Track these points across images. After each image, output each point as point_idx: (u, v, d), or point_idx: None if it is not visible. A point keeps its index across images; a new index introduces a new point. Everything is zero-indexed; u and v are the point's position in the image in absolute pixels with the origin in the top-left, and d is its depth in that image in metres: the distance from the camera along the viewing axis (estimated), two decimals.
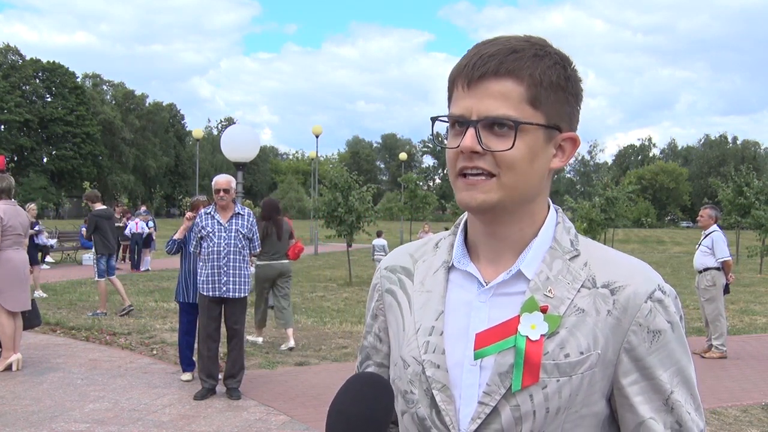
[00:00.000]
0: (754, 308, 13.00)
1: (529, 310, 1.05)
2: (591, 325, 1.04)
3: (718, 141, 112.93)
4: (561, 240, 1.11)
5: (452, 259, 1.15)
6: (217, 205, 6.27)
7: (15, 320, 6.95)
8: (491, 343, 1.05)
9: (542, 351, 1.02)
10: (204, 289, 6.12)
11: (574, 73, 1.09)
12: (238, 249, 6.16)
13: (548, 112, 1.05)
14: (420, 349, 1.11)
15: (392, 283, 1.23)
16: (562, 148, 1.10)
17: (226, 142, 7.24)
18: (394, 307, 1.21)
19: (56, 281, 14.78)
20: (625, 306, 1.05)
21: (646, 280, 1.07)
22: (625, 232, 52.36)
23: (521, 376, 1.02)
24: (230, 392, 6.18)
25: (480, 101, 1.03)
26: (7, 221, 6.78)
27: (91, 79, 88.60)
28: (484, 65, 1.04)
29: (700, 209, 8.91)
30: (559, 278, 1.07)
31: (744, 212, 22.62)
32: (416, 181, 33.76)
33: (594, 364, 1.03)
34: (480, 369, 1.06)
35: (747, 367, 7.88)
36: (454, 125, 1.07)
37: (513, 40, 1.07)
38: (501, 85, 1.03)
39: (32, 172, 70.75)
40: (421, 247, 1.25)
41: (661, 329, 1.05)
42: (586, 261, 1.09)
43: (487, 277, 1.11)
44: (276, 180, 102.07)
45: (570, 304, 1.05)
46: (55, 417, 5.52)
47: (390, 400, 1.04)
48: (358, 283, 16.27)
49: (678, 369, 1.06)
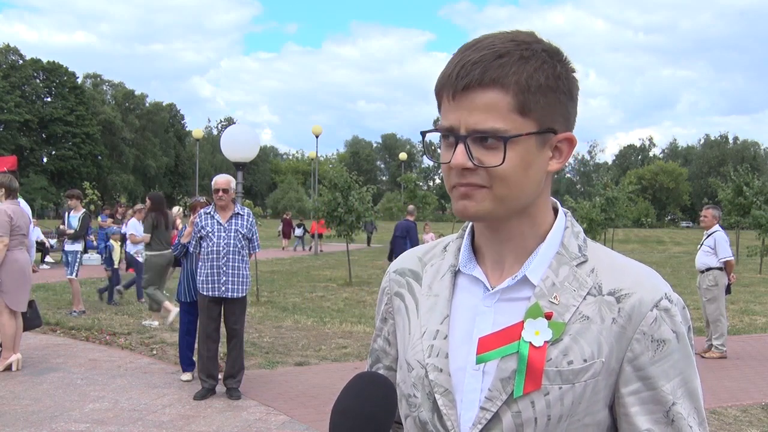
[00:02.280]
0: (754, 308, 13.00)
1: (533, 316, 1.04)
2: (595, 332, 1.03)
3: (718, 141, 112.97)
4: (569, 245, 1.09)
5: (459, 263, 1.15)
6: (216, 205, 6.27)
7: (15, 320, 6.96)
8: (494, 348, 1.05)
9: (545, 358, 1.01)
10: (203, 289, 6.11)
11: (565, 68, 1.04)
12: (237, 249, 6.15)
13: (539, 117, 1.02)
14: (424, 353, 1.11)
15: (401, 287, 1.22)
16: (559, 150, 1.07)
17: (226, 142, 7.26)
18: (402, 310, 1.20)
19: (56, 281, 14.77)
20: (630, 314, 1.03)
21: (652, 289, 1.05)
22: (625, 232, 52.36)
23: (523, 382, 1.01)
24: (230, 392, 6.18)
25: (468, 114, 1.00)
26: (15, 221, 6.81)
27: (91, 79, 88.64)
28: (468, 75, 1.00)
29: (701, 209, 8.86)
30: (565, 285, 1.06)
31: (744, 212, 22.62)
32: (416, 181, 33.79)
33: (597, 372, 1.02)
34: (483, 374, 1.05)
35: (747, 367, 7.88)
36: (445, 136, 1.05)
37: (498, 41, 1.02)
38: (486, 96, 0.99)
39: (32, 172, 70.72)
40: (430, 250, 1.24)
41: (666, 339, 1.03)
42: (594, 267, 1.07)
43: (494, 281, 1.10)
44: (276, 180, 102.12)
45: (575, 312, 1.04)
46: (54, 417, 5.52)
47: (393, 398, 1.04)
48: (358, 283, 16.27)
49: (682, 380, 1.04)
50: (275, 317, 10.75)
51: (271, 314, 10.99)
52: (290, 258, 24.86)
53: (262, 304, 12.10)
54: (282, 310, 11.56)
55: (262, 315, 10.93)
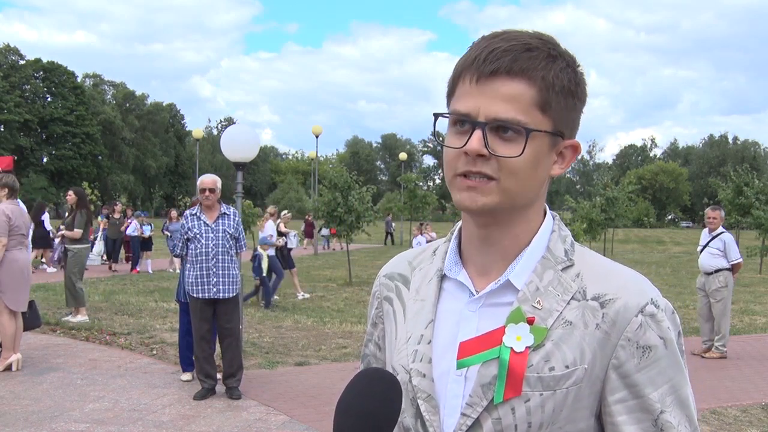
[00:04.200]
0: (754, 308, 13.01)
1: (514, 321, 1.02)
2: (578, 338, 1.00)
3: (718, 141, 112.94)
4: (554, 249, 1.07)
5: (445, 267, 1.13)
6: (202, 205, 6.22)
7: (15, 320, 6.96)
8: (475, 353, 1.03)
9: (526, 363, 1.00)
10: (193, 291, 6.07)
11: (582, 77, 1.05)
12: (225, 249, 6.12)
13: (556, 118, 1.01)
14: (408, 358, 1.10)
15: (390, 291, 1.21)
16: (563, 155, 1.07)
17: (225, 142, 7.24)
18: (390, 314, 1.20)
19: (56, 281, 14.76)
20: (614, 320, 1.00)
21: (638, 293, 1.02)
22: (625, 232, 52.35)
23: (504, 388, 1.00)
24: (230, 391, 6.17)
25: (489, 101, 0.98)
26: (14, 221, 6.82)
27: (91, 79, 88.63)
28: (497, 60, 0.98)
29: (706, 210, 8.71)
30: (549, 289, 1.03)
31: (744, 212, 22.64)
32: (416, 181, 33.76)
33: (580, 379, 1.00)
34: (465, 379, 1.04)
35: (747, 367, 7.89)
36: (456, 123, 1.02)
37: (526, 35, 1.02)
38: (512, 86, 0.98)
39: (32, 172, 70.71)
40: (420, 254, 1.22)
41: (652, 345, 1.00)
42: (579, 272, 1.05)
43: (479, 286, 1.08)
44: (275, 180, 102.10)
45: (558, 317, 1.02)
46: (54, 417, 5.52)
47: (397, 395, 1.03)
48: (357, 283, 16.27)
49: (671, 388, 1.01)
50: (275, 317, 10.76)
51: (271, 314, 10.99)
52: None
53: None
54: (282, 310, 11.56)
55: (262, 315, 10.94)
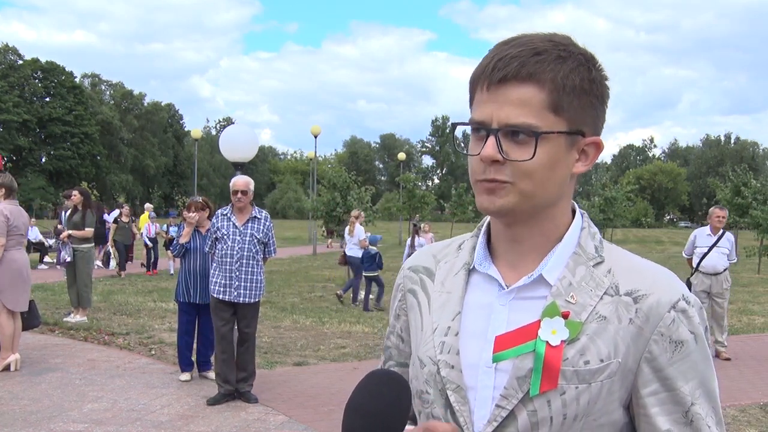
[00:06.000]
0: (752, 308, 13.03)
1: (550, 315, 1.04)
2: (612, 332, 1.03)
3: (717, 141, 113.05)
4: (585, 246, 1.10)
5: (474, 261, 1.15)
6: (234, 206, 6.12)
7: (14, 320, 6.96)
8: (511, 347, 1.05)
9: (562, 357, 1.02)
10: (215, 291, 5.99)
11: (600, 74, 1.06)
12: (252, 254, 6.01)
13: (571, 117, 1.03)
14: (435, 349, 1.12)
15: (414, 283, 1.23)
16: (586, 153, 1.09)
17: (224, 142, 7.24)
18: (415, 306, 1.21)
19: (55, 281, 14.76)
20: (648, 315, 1.03)
21: (670, 290, 1.05)
22: (624, 232, 52.40)
23: (539, 381, 1.02)
24: (245, 396, 6.04)
25: (500, 107, 1.02)
26: (12, 221, 6.81)
27: (89, 79, 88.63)
28: (505, 67, 1.01)
29: (713, 209, 8.60)
30: (582, 285, 1.06)
31: (742, 212, 22.68)
32: (414, 181, 33.79)
33: (614, 372, 1.03)
34: (495, 371, 1.06)
35: (745, 367, 7.90)
36: (476, 130, 1.06)
37: (536, 39, 1.04)
38: (521, 91, 1.01)
39: (30, 172, 70.71)
40: (445, 248, 1.25)
41: (684, 340, 1.03)
42: (610, 268, 1.08)
43: (508, 280, 1.10)
44: (274, 180, 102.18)
45: (592, 311, 1.04)
46: (53, 417, 5.52)
47: (407, 396, 1.04)
48: None
49: (700, 381, 1.04)
50: (274, 317, 10.75)
51: (269, 314, 10.98)
52: (289, 258, 24.83)
53: (261, 304, 12.07)
54: (281, 310, 11.56)
55: (260, 315, 10.90)
